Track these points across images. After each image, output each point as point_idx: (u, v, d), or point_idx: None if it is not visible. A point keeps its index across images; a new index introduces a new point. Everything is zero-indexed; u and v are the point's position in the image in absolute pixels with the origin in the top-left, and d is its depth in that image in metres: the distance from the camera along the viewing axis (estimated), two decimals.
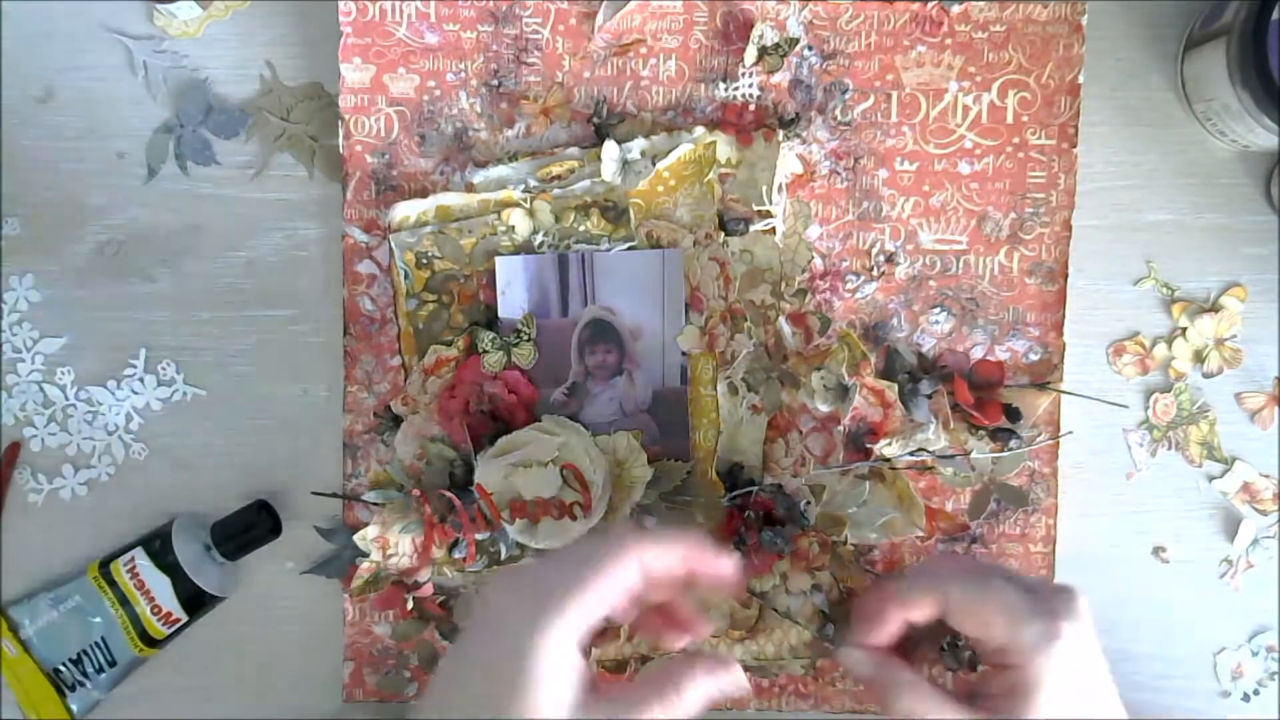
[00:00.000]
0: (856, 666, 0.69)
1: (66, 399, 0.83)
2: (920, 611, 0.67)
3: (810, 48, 0.78)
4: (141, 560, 0.78)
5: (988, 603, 0.65)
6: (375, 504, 0.77)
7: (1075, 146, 0.78)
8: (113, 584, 0.78)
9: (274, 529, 0.80)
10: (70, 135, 0.82)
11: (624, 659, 0.81)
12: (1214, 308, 0.80)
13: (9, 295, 0.82)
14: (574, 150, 0.78)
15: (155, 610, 0.77)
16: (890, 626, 0.68)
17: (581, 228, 0.78)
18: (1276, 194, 0.79)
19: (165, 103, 0.82)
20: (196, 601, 0.78)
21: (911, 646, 0.70)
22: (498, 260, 0.77)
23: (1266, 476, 0.80)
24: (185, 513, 0.81)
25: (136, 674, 0.81)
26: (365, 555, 0.77)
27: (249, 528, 0.79)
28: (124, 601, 0.77)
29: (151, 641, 0.79)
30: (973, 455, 0.78)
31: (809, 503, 0.77)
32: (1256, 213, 0.80)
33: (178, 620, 0.79)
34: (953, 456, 0.77)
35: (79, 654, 0.78)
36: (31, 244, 0.82)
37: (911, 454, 0.77)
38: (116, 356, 0.83)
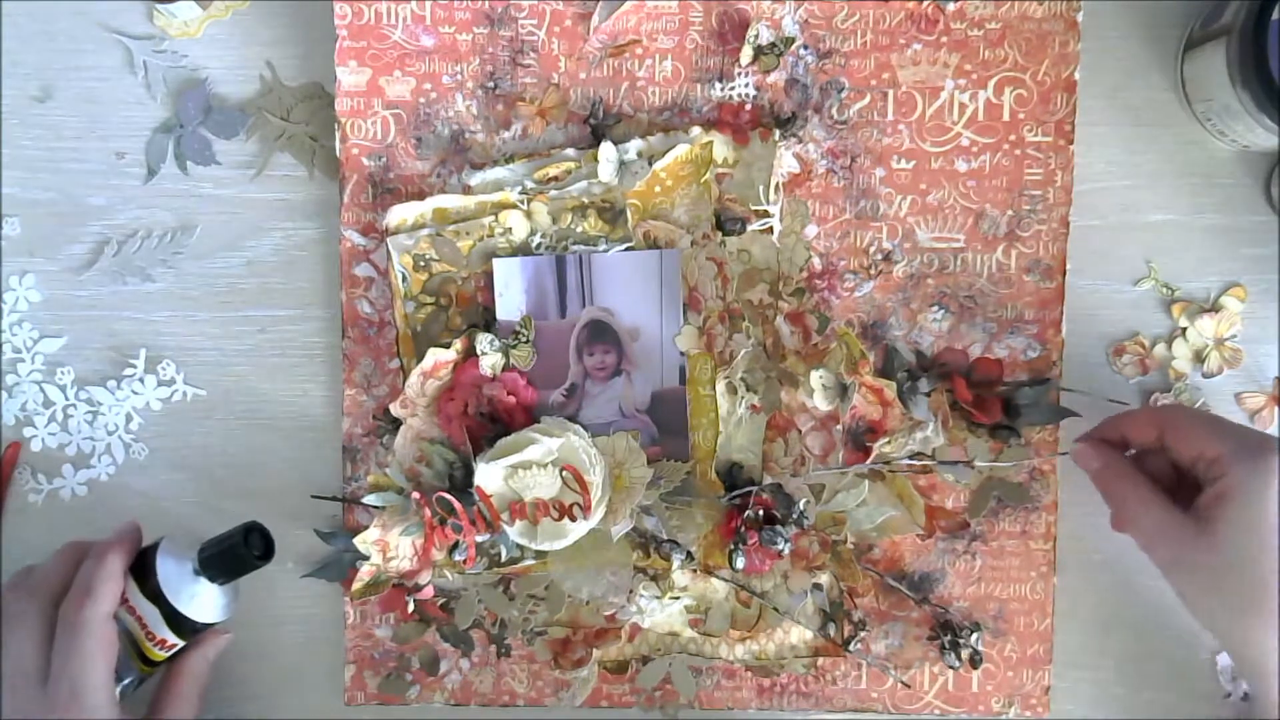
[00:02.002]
0: (1081, 457, 0.75)
1: (66, 399, 0.83)
2: (1139, 429, 0.73)
3: (806, 47, 0.78)
4: (131, 588, 0.74)
5: (1200, 422, 0.71)
6: (375, 507, 0.77)
7: (1072, 143, 0.77)
8: None
9: (264, 554, 0.75)
10: (70, 135, 0.82)
11: (625, 660, 0.81)
12: (1214, 308, 0.79)
13: (9, 295, 0.82)
14: (570, 151, 0.78)
15: (150, 637, 0.74)
16: (1109, 434, 0.74)
17: (579, 229, 0.78)
18: (1276, 194, 0.78)
19: (165, 103, 0.82)
20: (190, 627, 0.75)
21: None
22: (495, 262, 0.77)
23: None
24: (171, 535, 0.77)
25: None
26: (365, 558, 0.77)
27: (237, 553, 0.74)
28: (123, 630, 0.75)
29: (151, 663, 0.76)
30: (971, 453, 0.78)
31: (809, 502, 0.77)
32: (1256, 213, 0.79)
33: (174, 645, 0.75)
34: (955, 464, 0.77)
35: None
36: (31, 244, 0.83)
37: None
38: (116, 356, 0.83)
